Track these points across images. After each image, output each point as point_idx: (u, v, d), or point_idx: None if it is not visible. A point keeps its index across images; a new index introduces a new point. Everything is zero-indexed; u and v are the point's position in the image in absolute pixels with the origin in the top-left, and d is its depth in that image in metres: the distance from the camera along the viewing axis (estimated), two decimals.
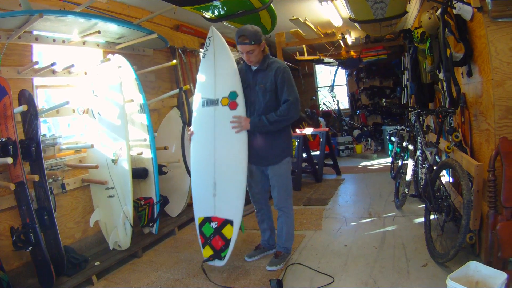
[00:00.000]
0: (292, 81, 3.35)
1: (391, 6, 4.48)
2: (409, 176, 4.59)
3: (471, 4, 3.03)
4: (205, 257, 3.54)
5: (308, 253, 3.80)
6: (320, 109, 11.66)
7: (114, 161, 4.01)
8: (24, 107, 3.22)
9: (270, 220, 3.81)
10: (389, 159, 7.16)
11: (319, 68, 12.42)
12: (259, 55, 3.31)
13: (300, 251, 3.85)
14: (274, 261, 3.55)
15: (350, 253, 3.70)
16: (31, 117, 3.37)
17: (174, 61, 5.15)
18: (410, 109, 4.79)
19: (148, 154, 4.30)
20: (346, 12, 5.89)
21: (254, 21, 4.47)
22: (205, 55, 3.58)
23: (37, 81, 3.80)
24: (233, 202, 3.50)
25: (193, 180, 3.65)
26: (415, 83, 5.50)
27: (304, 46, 8.90)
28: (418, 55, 5.33)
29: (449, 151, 3.77)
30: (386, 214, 4.69)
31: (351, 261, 3.53)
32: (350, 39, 8.67)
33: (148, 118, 4.25)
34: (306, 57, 9.25)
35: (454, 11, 3.24)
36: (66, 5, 3.88)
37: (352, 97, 11.41)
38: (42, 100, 4.17)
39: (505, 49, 2.86)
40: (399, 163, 5.20)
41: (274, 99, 3.34)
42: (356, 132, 10.28)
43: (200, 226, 3.60)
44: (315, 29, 7.32)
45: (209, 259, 3.51)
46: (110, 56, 4.20)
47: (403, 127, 5.56)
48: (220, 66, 3.53)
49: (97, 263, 3.70)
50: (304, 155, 6.83)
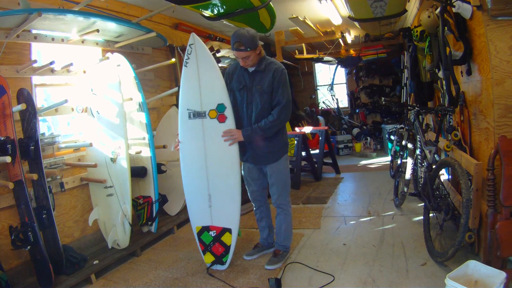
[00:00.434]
0: (288, 83, 3.35)
1: (391, 5, 4.47)
2: (408, 175, 4.59)
3: (471, 3, 3.04)
4: (208, 263, 3.58)
5: (307, 252, 3.80)
6: (320, 108, 11.65)
7: (113, 160, 4.01)
8: (23, 106, 3.21)
9: (269, 218, 3.81)
10: (388, 158, 7.17)
11: (319, 67, 12.40)
12: (255, 59, 3.29)
13: (299, 250, 3.85)
14: (273, 260, 3.55)
15: (349, 252, 3.70)
16: (30, 116, 3.37)
17: (173, 60, 5.14)
18: (410, 108, 4.79)
19: (147, 153, 4.30)
20: (346, 11, 5.89)
21: (253, 20, 4.47)
22: (187, 64, 3.39)
23: (36, 80, 3.79)
24: (230, 211, 3.53)
25: (187, 192, 3.60)
26: (415, 82, 5.51)
27: (304, 45, 8.90)
28: (418, 54, 5.34)
29: (448, 150, 3.77)
30: (385, 213, 4.69)
31: (350, 260, 3.53)
32: (350, 38, 8.66)
33: (147, 117, 4.24)
34: (306, 56, 9.25)
35: (454, 10, 3.23)
36: (65, 4, 3.87)
37: (352, 96, 11.40)
38: (42, 99, 4.17)
39: (505, 48, 2.86)
40: (398, 162, 5.20)
41: (270, 100, 3.33)
42: (356, 131, 10.27)
43: (199, 235, 3.60)
44: (315, 28, 7.31)
45: (212, 265, 3.57)
46: (109, 55, 4.19)
47: (403, 126, 5.57)
48: (205, 76, 3.41)
49: (96, 262, 3.69)
50: (304, 154, 6.83)
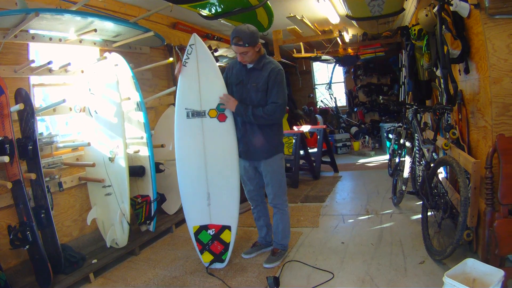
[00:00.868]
0: (284, 84, 3.33)
1: (388, 4, 4.49)
2: (407, 173, 4.61)
3: (468, 1, 3.04)
4: (206, 263, 3.57)
5: (305, 250, 3.80)
6: (318, 107, 11.67)
7: (111, 159, 4.00)
8: (21, 106, 3.21)
9: (267, 217, 3.82)
10: (387, 156, 7.17)
11: (317, 66, 12.41)
12: (253, 56, 3.29)
13: (297, 248, 3.86)
14: (271, 258, 3.56)
15: (347, 250, 3.71)
16: (28, 116, 3.36)
17: (171, 59, 5.13)
18: (408, 106, 4.79)
19: (145, 152, 4.30)
20: (343, 10, 5.90)
21: (251, 19, 4.47)
22: (187, 63, 3.41)
23: (34, 80, 3.78)
24: (229, 209, 3.54)
25: (184, 192, 3.57)
26: (413, 80, 5.52)
27: (301, 44, 8.89)
28: (416, 52, 5.35)
29: (446, 148, 3.78)
30: (384, 211, 4.70)
31: (348, 258, 3.53)
32: (347, 37, 8.66)
33: (145, 116, 4.24)
34: (303, 55, 9.24)
35: (451, 8, 3.23)
36: (63, 4, 3.86)
37: (350, 95, 11.42)
38: (40, 99, 4.15)
39: (502, 46, 2.86)
40: (397, 160, 5.21)
41: (265, 99, 3.32)
42: (354, 129, 10.29)
43: (196, 234, 3.59)
44: (312, 27, 7.31)
45: (211, 264, 3.57)
46: (107, 54, 4.19)
47: (401, 124, 5.58)
48: (205, 76, 3.42)
49: (95, 261, 3.69)
50: (302, 153, 6.83)
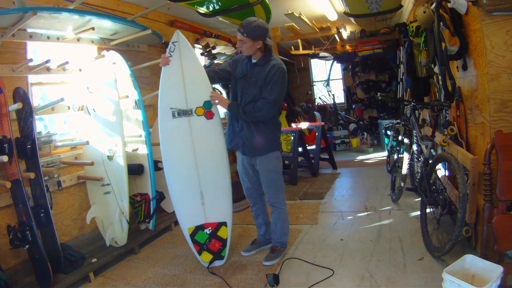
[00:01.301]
0: (281, 83, 3.28)
1: (386, 1, 4.49)
2: (405, 170, 4.62)
3: None
4: (206, 262, 3.57)
5: (305, 247, 3.81)
6: (316, 103, 11.67)
7: (110, 158, 4.00)
8: (19, 105, 3.20)
9: (265, 215, 3.83)
10: (385, 153, 7.19)
11: (315, 63, 12.40)
12: (251, 50, 3.28)
13: (297, 246, 3.87)
14: (270, 256, 3.57)
15: (347, 247, 3.72)
16: (26, 115, 3.36)
17: None
18: (406, 103, 4.80)
19: (144, 150, 4.29)
20: (341, 7, 5.89)
21: (249, 16, 4.46)
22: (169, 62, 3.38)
23: (32, 79, 3.77)
24: (223, 205, 3.56)
25: (175, 194, 3.53)
26: (411, 77, 5.53)
27: (299, 41, 8.88)
28: (413, 49, 5.35)
29: (445, 145, 3.79)
30: (382, 208, 4.71)
31: (348, 255, 3.54)
32: (345, 33, 8.66)
33: (143, 114, 4.23)
34: (301, 52, 9.24)
35: (449, 5, 3.23)
36: (60, 2, 3.85)
37: (348, 91, 11.41)
38: (38, 98, 4.15)
39: (500, 43, 2.86)
40: (395, 157, 5.22)
41: (260, 95, 3.32)
42: (352, 126, 10.31)
43: (192, 236, 3.56)
44: (310, 24, 7.31)
45: (211, 263, 3.56)
46: (105, 53, 4.17)
47: (399, 121, 5.58)
48: (189, 74, 3.38)
49: (94, 260, 3.69)
50: (300, 150, 6.84)
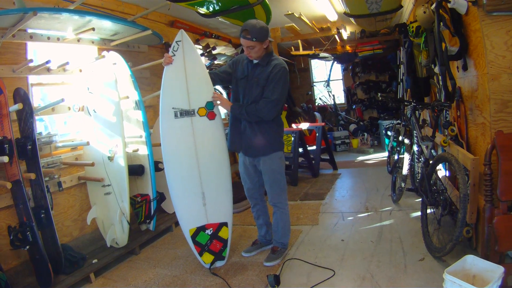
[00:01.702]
0: (283, 83, 3.28)
1: (386, 1, 4.49)
2: (406, 170, 4.61)
3: None
4: (207, 264, 3.56)
5: (305, 248, 3.81)
6: (316, 104, 11.68)
7: (110, 158, 4.00)
8: (19, 106, 3.20)
9: (266, 216, 3.83)
10: (386, 154, 7.18)
11: (315, 63, 12.41)
12: (260, 52, 3.27)
13: (297, 246, 3.87)
14: (271, 257, 3.56)
15: (347, 248, 3.71)
16: (27, 116, 3.36)
17: None
18: (406, 103, 4.80)
19: (144, 151, 4.29)
20: (341, 7, 5.90)
21: (249, 16, 4.46)
22: (173, 59, 3.37)
23: (32, 79, 3.77)
24: (224, 206, 3.57)
25: (176, 195, 3.51)
26: (411, 77, 5.53)
27: (299, 41, 8.88)
28: (414, 49, 5.35)
29: (445, 145, 3.78)
30: (383, 209, 4.71)
31: (348, 256, 3.54)
32: (346, 34, 8.67)
33: (144, 115, 4.23)
34: (302, 52, 9.24)
35: (449, 5, 3.23)
36: (60, 3, 3.86)
37: (348, 92, 11.42)
38: (38, 98, 4.15)
39: (500, 43, 2.86)
40: (396, 157, 5.21)
41: (263, 94, 3.32)
42: (352, 127, 10.31)
43: (194, 237, 3.55)
44: (310, 24, 7.31)
45: (213, 264, 3.56)
46: (105, 53, 4.17)
47: (399, 121, 5.58)
48: (192, 74, 3.38)
49: (95, 261, 3.69)
50: (301, 150, 6.83)
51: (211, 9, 4.23)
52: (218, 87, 6.81)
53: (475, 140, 3.35)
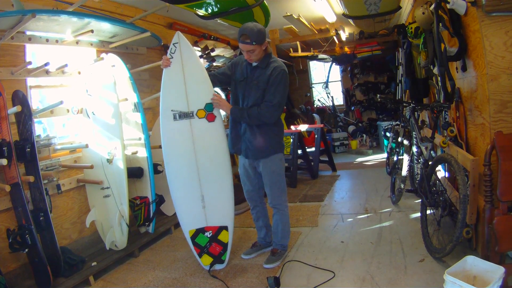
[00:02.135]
0: (283, 86, 3.28)
1: (385, 2, 4.49)
2: (405, 172, 4.61)
3: None
4: (206, 265, 3.55)
5: (305, 250, 3.80)
6: (315, 106, 11.67)
7: (109, 161, 3.99)
8: (18, 108, 3.19)
9: (266, 218, 3.82)
10: (385, 155, 7.18)
11: (313, 65, 12.41)
12: (260, 54, 3.28)
13: (297, 248, 3.86)
14: (271, 259, 3.55)
15: (347, 249, 3.71)
16: (25, 118, 3.35)
17: None
18: (405, 104, 4.80)
19: (143, 153, 4.28)
20: (340, 8, 5.90)
21: (247, 18, 4.46)
22: (171, 61, 3.36)
23: (31, 82, 3.77)
24: (225, 209, 3.53)
25: (176, 197, 3.52)
26: (410, 78, 5.53)
27: (298, 43, 8.90)
28: (412, 50, 5.35)
29: (445, 146, 3.78)
30: (382, 210, 4.70)
31: (348, 257, 3.53)
32: (344, 35, 8.67)
33: (143, 117, 4.22)
34: (300, 54, 9.25)
35: (448, 6, 3.23)
36: (59, 5, 3.85)
37: (347, 93, 11.42)
38: (37, 101, 4.15)
39: (499, 43, 2.86)
40: (395, 159, 5.22)
41: (263, 97, 3.31)
42: (351, 128, 10.31)
43: (193, 238, 3.55)
44: (309, 26, 7.32)
45: (212, 266, 3.54)
46: (104, 55, 4.17)
47: (398, 123, 5.58)
48: (190, 76, 3.36)
49: (94, 264, 3.68)
50: (299, 152, 6.83)
51: (210, 11, 4.23)
52: (217, 89, 6.81)
53: (475, 141, 3.35)
